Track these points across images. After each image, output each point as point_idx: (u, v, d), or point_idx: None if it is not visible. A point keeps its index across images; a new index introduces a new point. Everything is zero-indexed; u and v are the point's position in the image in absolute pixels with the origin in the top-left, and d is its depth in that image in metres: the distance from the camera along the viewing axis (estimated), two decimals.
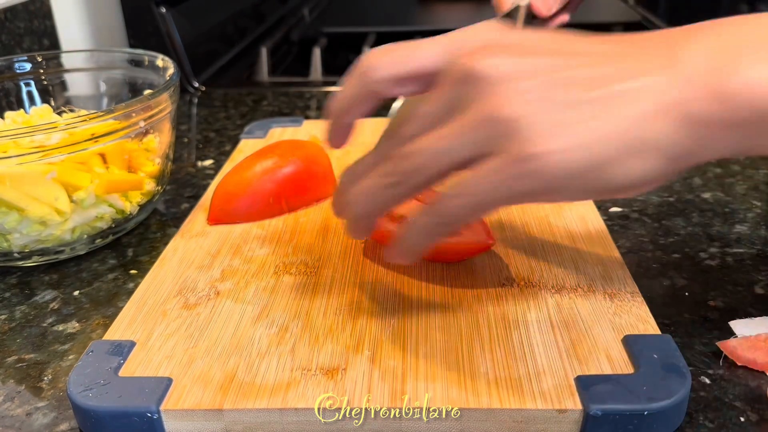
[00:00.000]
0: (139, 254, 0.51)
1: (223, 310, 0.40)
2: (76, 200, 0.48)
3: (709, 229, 0.51)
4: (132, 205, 0.52)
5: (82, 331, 0.43)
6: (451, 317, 0.39)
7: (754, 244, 0.49)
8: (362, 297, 0.41)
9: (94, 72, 0.63)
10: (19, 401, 0.37)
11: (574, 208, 0.51)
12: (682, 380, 0.33)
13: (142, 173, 0.53)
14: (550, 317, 0.38)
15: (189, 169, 0.66)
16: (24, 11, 0.81)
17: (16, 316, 0.44)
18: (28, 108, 0.60)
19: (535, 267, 0.43)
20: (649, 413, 0.31)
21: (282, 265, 0.45)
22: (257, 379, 0.34)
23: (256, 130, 0.68)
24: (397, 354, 0.36)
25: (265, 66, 0.97)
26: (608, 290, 0.41)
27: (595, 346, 0.36)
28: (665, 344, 0.35)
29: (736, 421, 0.33)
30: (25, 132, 0.43)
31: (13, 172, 0.45)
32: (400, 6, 1.42)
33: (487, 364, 0.35)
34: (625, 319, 0.38)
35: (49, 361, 0.40)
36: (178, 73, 0.54)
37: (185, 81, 0.91)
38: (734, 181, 0.58)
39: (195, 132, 0.77)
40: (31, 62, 0.61)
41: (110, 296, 0.46)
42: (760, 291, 0.43)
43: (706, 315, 0.41)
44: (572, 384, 0.33)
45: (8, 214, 0.46)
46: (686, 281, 0.45)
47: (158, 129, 0.53)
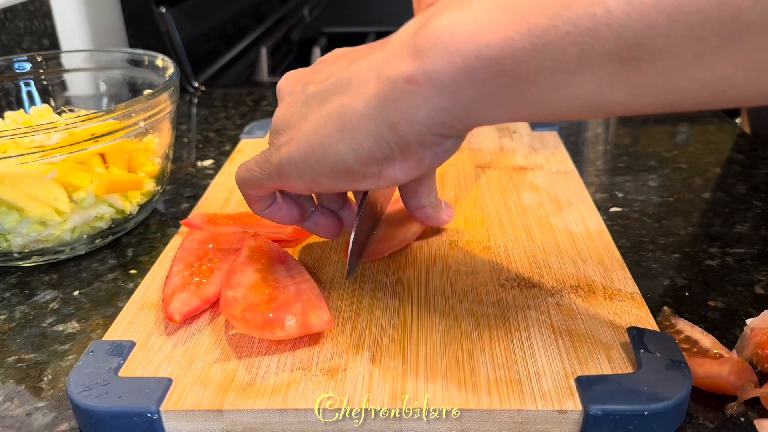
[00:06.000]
0: (139, 254, 0.51)
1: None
2: (75, 200, 0.48)
3: (710, 229, 0.51)
4: (132, 205, 0.52)
5: (82, 331, 0.43)
6: (451, 317, 0.39)
7: (754, 244, 0.49)
8: (362, 297, 0.41)
9: (93, 72, 0.63)
10: (19, 401, 0.37)
11: (575, 208, 0.51)
12: (682, 380, 0.32)
13: (141, 173, 0.53)
14: (551, 317, 0.38)
15: (189, 169, 0.66)
16: (24, 11, 0.81)
17: (16, 316, 0.44)
18: (27, 108, 0.60)
19: (535, 267, 0.43)
20: (649, 413, 0.31)
21: None
22: (257, 379, 0.34)
23: (256, 130, 0.68)
24: (397, 354, 0.36)
25: (265, 66, 0.97)
26: (608, 290, 0.41)
27: (595, 347, 0.36)
28: (666, 344, 0.35)
29: (736, 421, 0.33)
30: (25, 132, 0.43)
31: (13, 172, 0.45)
32: (400, 6, 1.42)
33: (487, 364, 0.35)
34: (626, 319, 0.38)
35: (49, 361, 0.40)
36: (177, 72, 0.54)
37: (185, 81, 0.91)
38: (734, 181, 0.58)
39: (195, 132, 0.77)
40: (30, 62, 0.61)
41: (110, 296, 0.46)
42: (761, 291, 0.43)
43: (706, 315, 0.41)
44: (572, 384, 0.33)
45: (8, 214, 0.46)
46: (686, 281, 0.45)
47: (158, 129, 0.53)
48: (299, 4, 1.37)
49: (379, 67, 0.30)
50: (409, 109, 0.29)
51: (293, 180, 0.35)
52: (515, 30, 0.26)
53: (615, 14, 0.23)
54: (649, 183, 0.59)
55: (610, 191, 0.57)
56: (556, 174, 0.56)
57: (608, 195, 0.57)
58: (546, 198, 0.52)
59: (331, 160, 0.32)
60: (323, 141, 0.32)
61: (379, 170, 0.32)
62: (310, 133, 0.33)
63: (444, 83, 0.28)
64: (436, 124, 0.29)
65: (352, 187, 0.34)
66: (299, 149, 0.34)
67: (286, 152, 0.34)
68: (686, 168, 0.61)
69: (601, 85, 0.25)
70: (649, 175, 0.60)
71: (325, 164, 0.33)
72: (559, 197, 0.52)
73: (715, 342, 0.38)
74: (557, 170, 0.57)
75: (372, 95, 0.30)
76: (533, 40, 0.25)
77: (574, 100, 0.26)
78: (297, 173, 0.34)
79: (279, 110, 0.36)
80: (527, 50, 0.25)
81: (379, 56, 0.31)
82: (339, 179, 0.33)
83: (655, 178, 0.60)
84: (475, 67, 0.27)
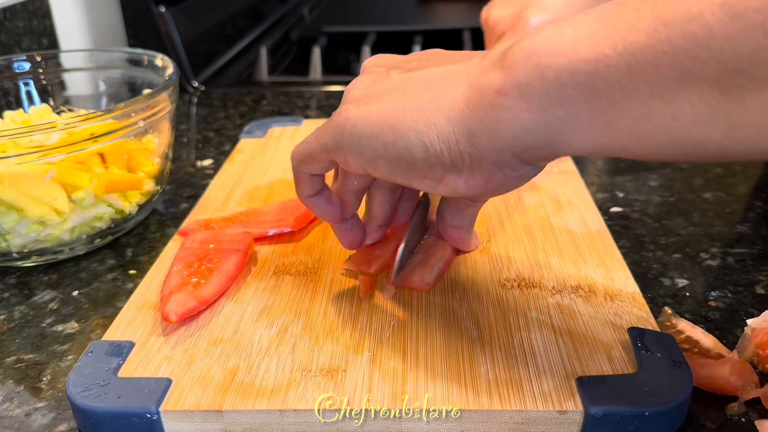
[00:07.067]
0: (139, 254, 0.51)
1: (223, 311, 0.40)
2: (75, 200, 0.48)
3: (710, 229, 0.51)
4: (131, 205, 0.52)
5: (82, 331, 0.42)
6: (451, 317, 0.39)
7: (755, 244, 0.49)
8: (362, 297, 0.41)
9: (93, 71, 0.62)
10: (18, 402, 0.37)
11: (575, 208, 0.50)
12: (683, 381, 0.32)
13: (141, 173, 0.53)
14: (551, 317, 0.38)
15: (188, 168, 0.66)
16: (23, 11, 0.81)
17: (15, 317, 0.44)
18: (27, 108, 0.60)
19: (535, 267, 0.43)
20: (650, 414, 0.31)
21: (282, 265, 0.45)
22: (257, 379, 0.34)
23: (256, 129, 0.68)
24: (397, 354, 0.36)
25: (265, 65, 0.97)
26: (609, 290, 0.41)
27: (595, 347, 0.36)
28: (667, 345, 0.35)
29: (737, 421, 0.33)
30: (24, 132, 0.43)
31: (12, 171, 0.45)
32: (400, 6, 1.42)
33: (488, 364, 0.35)
34: (626, 320, 0.38)
35: (49, 362, 0.40)
36: (177, 72, 0.53)
37: (184, 80, 0.90)
38: (735, 181, 0.58)
39: (194, 132, 0.77)
40: (30, 62, 0.61)
41: (109, 296, 0.46)
42: (761, 291, 0.43)
43: (707, 315, 0.41)
44: (573, 385, 0.33)
45: (7, 214, 0.46)
46: (687, 281, 0.44)
47: (157, 129, 0.53)
48: (299, 4, 1.37)
49: (472, 73, 0.30)
50: (494, 122, 0.28)
51: (351, 154, 0.33)
52: (610, 47, 0.24)
53: (716, 34, 0.21)
54: (649, 183, 0.59)
55: (610, 191, 0.57)
56: (557, 174, 0.56)
57: (609, 195, 0.57)
58: (546, 198, 0.52)
59: (398, 148, 0.31)
60: (396, 126, 0.31)
61: (443, 176, 0.31)
62: (386, 113, 0.32)
63: (533, 98, 0.27)
64: (519, 144, 0.28)
65: (408, 182, 0.33)
66: (368, 125, 0.32)
67: (352, 124, 0.33)
68: (687, 168, 0.61)
69: (697, 118, 0.23)
70: (650, 175, 0.60)
71: (391, 149, 0.31)
72: (560, 197, 0.52)
73: (716, 342, 0.37)
74: (558, 170, 0.57)
75: (460, 99, 0.30)
76: (628, 59, 0.24)
77: (665, 134, 0.24)
78: (358, 148, 0.33)
79: (356, 81, 0.36)
80: (621, 69, 0.24)
81: (475, 63, 0.30)
82: (398, 169, 0.32)
83: (655, 178, 0.59)
84: (566, 82, 0.25)
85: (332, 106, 0.82)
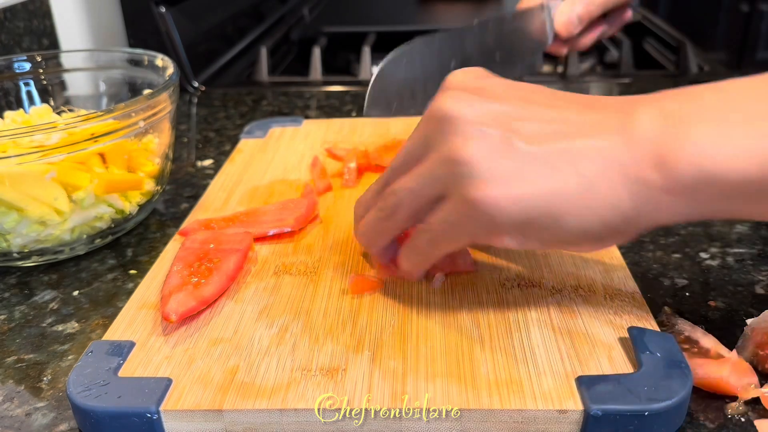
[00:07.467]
0: (139, 254, 0.51)
1: (223, 310, 0.40)
2: (75, 200, 0.48)
3: (710, 229, 0.51)
4: (131, 205, 0.52)
5: (82, 331, 0.43)
6: (451, 317, 0.39)
7: (754, 244, 0.49)
8: (362, 297, 0.41)
9: (93, 72, 0.63)
10: (19, 401, 0.37)
11: None
12: (683, 380, 0.32)
13: (141, 173, 0.53)
14: (551, 317, 0.38)
15: (188, 168, 0.66)
16: (23, 11, 0.81)
17: (16, 317, 0.44)
18: (27, 108, 0.60)
19: (535, 267, 0.43)
20: (650, 413, 0.31)
21: (282, 265, 0.45)
22: (257, 379, 0.34)
23: (256, 129, 0.68)
24: (397, 354, 0.36)
25: (265, 66, 0.97)
26: (609, 290, 0.41)
27: (595, 346, 0.36)
28: (666, 344, 0.35)
29: (737, 421, 0.33)
30: (25, 132, 0.43)
31: (12, 172, 0.45)
32: (400, 6, 1.42)
33: (488, 364, 0.35)
34: (626, 319, 0.38)
35: (49, 362, 0.40)
36: (177, 72, 0.53)
37: (185, 81, 0.91)
38: None
39: (194, 132, 0.77)
40: (30, 62, 0.61)
41: (110, 296, 0.46)
42: (761, 291, 0.43)
43: (706, 315, 0.41)
44: (573, 384, 0.33)
45: (7, 214, 0.46)
46: (687, 281, 0.45)
47: (158, 129, 0.53)
48: (299, 4, 1.37)
49: (623, 161, 0.31)
50: (653, 213, 0.31)
51: (508, 236, 0.33)
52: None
53: None
54: None
55: None
56: None
57: None
58: None
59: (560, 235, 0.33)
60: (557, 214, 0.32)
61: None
62: (540, 198, 0.31)
63: (697, 198, 0.30)
64: (669, 222, 0.32)
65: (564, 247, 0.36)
66: (524, 211, 0.32)
67: (501, 208, 0.32)
68: None
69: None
70: None
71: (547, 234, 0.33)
72: None
73: (716, 342, 0.37)
74: None
75: (620, 190, 0.31)
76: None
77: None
78: (518, 231, 0.33)
79: (471, 148, 0.32)
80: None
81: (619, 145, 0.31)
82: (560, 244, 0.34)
83: None
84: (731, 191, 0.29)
85: (332, 106, 0.82)
